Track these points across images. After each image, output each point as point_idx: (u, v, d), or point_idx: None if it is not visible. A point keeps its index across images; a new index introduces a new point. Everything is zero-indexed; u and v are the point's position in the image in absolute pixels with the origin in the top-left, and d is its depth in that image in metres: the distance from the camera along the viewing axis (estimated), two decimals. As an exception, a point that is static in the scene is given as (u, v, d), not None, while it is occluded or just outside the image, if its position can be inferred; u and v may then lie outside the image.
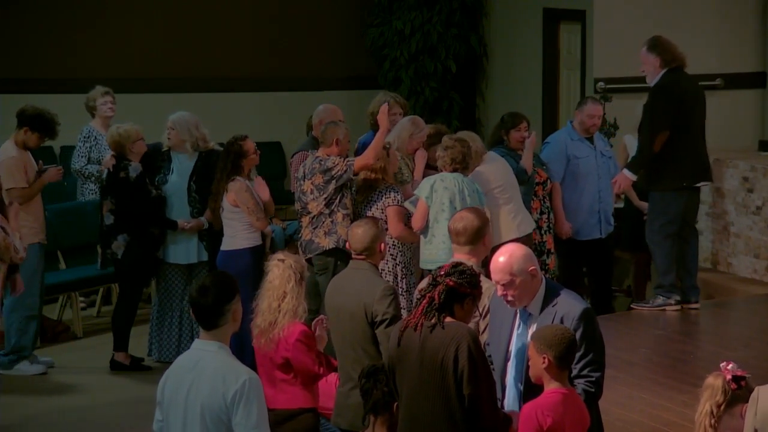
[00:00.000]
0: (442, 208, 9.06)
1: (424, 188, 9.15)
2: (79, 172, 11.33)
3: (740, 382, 5.28)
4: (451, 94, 14.62)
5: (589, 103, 10.75)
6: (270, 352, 6.85)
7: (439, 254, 8.97)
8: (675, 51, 10.00)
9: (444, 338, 5.64)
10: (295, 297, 6.84)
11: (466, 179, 9.17)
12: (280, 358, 6.83)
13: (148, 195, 10.01)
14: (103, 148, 11.13)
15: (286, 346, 6.81)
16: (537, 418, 5.52)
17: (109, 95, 11.44)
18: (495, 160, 9.84)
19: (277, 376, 6.88)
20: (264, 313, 6.85)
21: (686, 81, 10.06)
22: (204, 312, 5.34)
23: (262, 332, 6.85)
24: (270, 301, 6.85)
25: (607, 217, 10.72)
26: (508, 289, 5.86)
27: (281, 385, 6.88)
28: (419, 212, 9.15)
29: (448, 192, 9.07)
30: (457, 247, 6.78)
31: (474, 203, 8.91)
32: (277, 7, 14.76)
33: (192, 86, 14.19)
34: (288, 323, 6.81)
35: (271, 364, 6.88)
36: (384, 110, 9.41)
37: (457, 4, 14.53)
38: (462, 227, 6.73)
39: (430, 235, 9.13)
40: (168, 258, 10.23)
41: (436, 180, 9.15)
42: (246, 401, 5.19)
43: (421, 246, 9.22)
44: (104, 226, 10.12)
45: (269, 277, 6.90)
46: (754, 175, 11.17)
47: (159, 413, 5.49)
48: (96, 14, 14.10)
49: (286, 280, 6.86)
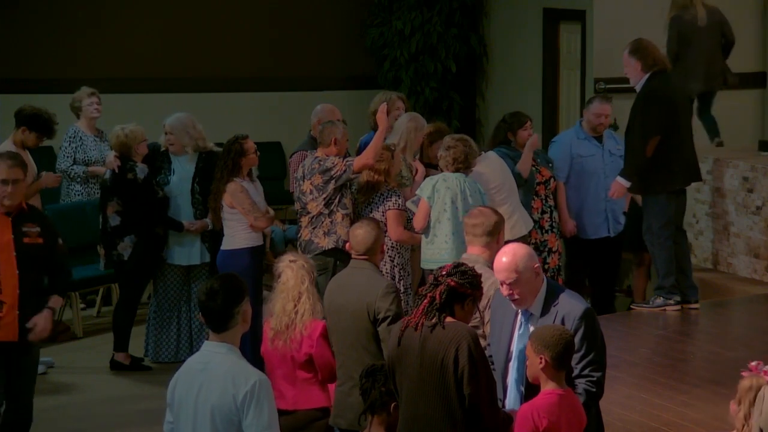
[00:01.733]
0: (444, 208, 9.07)
1: (426, 188, 9.16)
2: (65, 173, 11.30)
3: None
4: (451, 94, 14.61)
5: (595, 102, 10.75)
6: (291, 352, 6.82)
7: (442, 254, 8.98)
8: (656, 54, 9.98)
9: (444, 338, 5.64)
10: (311, 296, 6.85)
11: (469, 179, 9.18)
12: (304, 356, 6.82)
13: (155, 196, 10.02)
14: (89, 149, 11.13)
15: (310, 343, 6.81)
16: (533, 419, 5.52)
17: (95, 96, 11.42)
18: (492, 160, 9.84)
19: (299, 375, 6.86)
20: (279, 316, 6.83)
21: (671, 84, 10.06)
22: (213, 315, 5.36)
23: (279, 334, 6.84)
24: (284, 302, 6.83)
25: (615, 216, 10.71)
26: (513, 288, 5.87)
27: (302, 384, 6.87)
28: (421, 212, 9.16)
29: (450, 192, 9.08)
30: (473, 239, 6.91)
31: (476, 203, 8.92)
32: (277, 7, 14.76)
33: (192, 86, 14.19)
34: (308, 322, 6.81)
35: (293, 364, 6.85)
36: (383, 110, 9.42)
37: (457, 4, 14.53)
38: (480, 221, 6.90)
39: (431, 234, 9.14)
40: (171, 259, 10.22)
41: (438, 180, 9.16)
42: (257, 403, 5.22)
43: (423, 246, 9.22)
44: (108, 227, 10.10)
45: (282, 278, 6.87)
46: (754, 175, 11.16)
47: (170, 415, 5.51)
48: (96, 14, 14.10)
49: (300, 281, 6.86)
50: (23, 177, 7.59)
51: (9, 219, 7.51)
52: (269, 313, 6.89)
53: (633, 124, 9.97)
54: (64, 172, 11.24)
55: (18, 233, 7.51)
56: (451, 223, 9.04)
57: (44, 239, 7.59)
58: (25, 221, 7.56)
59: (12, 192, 7.44)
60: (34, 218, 7.65)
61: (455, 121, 14.30)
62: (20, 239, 7.51)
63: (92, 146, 11.17)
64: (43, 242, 7.59)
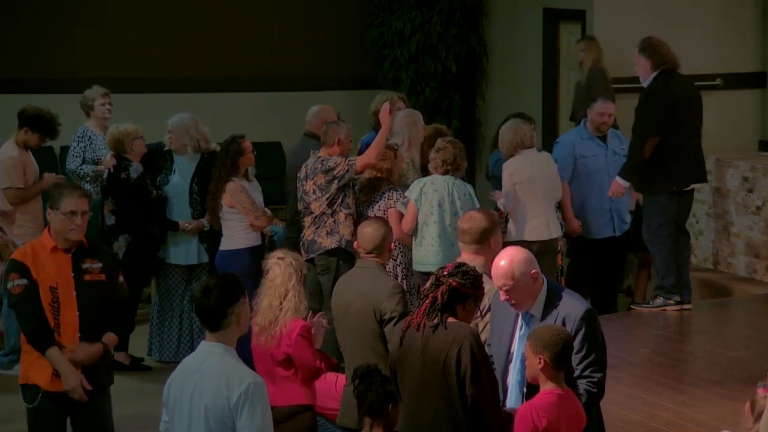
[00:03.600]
0: (431, 211, 9.06)
1: (414, 190, 9.16)
2: (74, 173, 11.29)
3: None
4: (451, 94, 14.61)
5: (599, 101, 10.74)
6: (271, 349, 6.87)
7: (428, 257, 9.00)
8: (665, 53, 9.98)
9: (446, 338, 5.65)
10: (297, 295, 6.87)
11: (458, 182, 9.17)
12: (282, 354, 6.85)
13: (148, 196, 10.02)
14: (98, 149, 11.13)
15: (288, 342, 6.83)
16: (532, 419, 5.52)
17: (107, 96, 11.39)
18: (534, 157, 9.81)
19: (278, 373, 6.89)
20: (264, 312, 6.88)
21: (677, 83, 10.03)
22: (206, 314, 5.34)
23: (263, 330, 6.88)
24: (271, 299, 6.88)
25: (621, 216, 10.70)
26: (510, 294, 5.86)
27: (281, 382, 6.90)
28: (409, 214, 9.17)
29: (437, 194, 9.08)
30: (464, 246, 6.82)
31: (465, 206, 8.91)
32: (277, 7, 14.75)
33: (192, 86, 14.18)
34: (290, 320, 6.83)
35: (272, 361, 6.89)
36: (385, 109, 9.43)
37: (457, 4, 14.52)
38: (468, 227, 6.77)
39: (419, 237, 9.15)
40: (169, 258, 10.25)
41: (426, 182, 9.16)
42: (250, 404, 5.19)
43: (413, 248, 9.22)
44: (105, 227, 10.12)
45: (270, 275, 6.92)
46: (754, 175, 11.17)
47: (165, 414, 5.50)
48: (96, 14, 14.09)
49: (287, 278, 6.88)
50: (88, 209, 6.94)
51: (69, 255, 6.91)
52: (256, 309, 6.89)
53: (635, 123, 9.99)
54: (73, 172, 11.18)
55: (78, 270, 6.91)
56: (438, 226, 9.03)
57: (107, 276, 6.98)
58: (85, 257, 6.94)
59: (81, 224, 6.86)
60: (96, 253, 7.02)
61: (455, 121, 14.30)
62: (81, 277, 6.91)
63: (101, 145, 11.17)
64: (106, 279, 6.98)
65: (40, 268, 6.85)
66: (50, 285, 6.84)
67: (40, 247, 6.93)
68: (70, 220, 6.81)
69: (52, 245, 6.89)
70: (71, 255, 6.91)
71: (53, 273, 6.86)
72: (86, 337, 6.87)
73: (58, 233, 6.89)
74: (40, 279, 6.83)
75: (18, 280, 6.85)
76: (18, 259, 6.93)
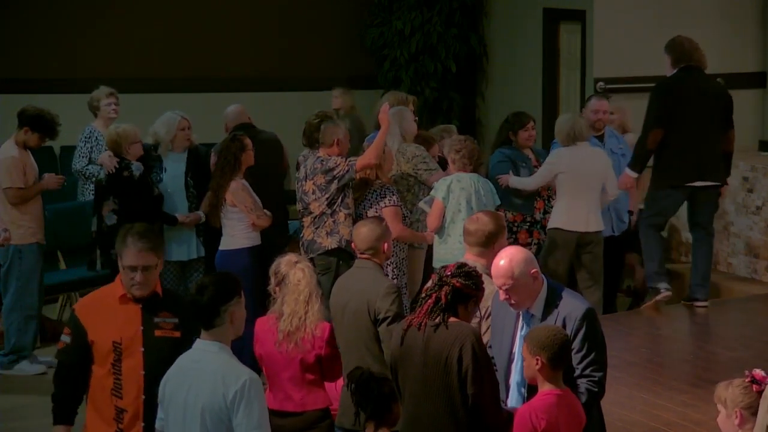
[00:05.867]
0: (458, 209, 9.15)
1: (441, 189, 9.23)
2: (80, 173, 11.29)
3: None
4: (451, 94, 14.62)
5: (593, 99, 10.79)
6: (301, 354, 6.76)
7: (455, 254, 8.97)
8: (684, 50, 10.04)
9: (448, 338, 5.65)
10: (319, 298, 6.82)
11: (481, 179, 9.33)
12: (314, 357, 6.76)
13: (151, 193, 10.02)
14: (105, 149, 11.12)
15: (320, 345, 6.77)
16: (531, 420, 5.51)
17: (113, 96, 11.38)
18: (575, 152, 9.86)
19: (307, 377, 6.78)
20: (290, 317, 6.74)
21: (693, 80, 10.03)
22: (199, 310, 5.32)
23: (289, 336, 6.73)
24: (295, 304, 6.76)
25: (619, 215, 10.71)
26: (510, 293, 5.86)
27: (310, 386, 6.81)
28: (435, 212, 9.23)
29: (465, 192, 9.19)
30: (468, 247, 6.83)
31: (489, 203, 9.11)
32: (277, 7, 14.77)
33: (192, 86, 14.20)
34: (317, 323, 6.77)
35: (302, 365, 6.77)
36: (384, 109, 9.44)
37: (457, 4, 14.54)
38: (474, 229, 6.78)
39: (445, 235, 9.23)
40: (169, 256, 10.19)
41: (452, 180, 9.24)
42: (247, 402, 5.18)
43: (435, 245, 9.29)
44: (105, 227, 10.07)
45: (293, 280, 6.74)
46: (754, 175, 11.17)
47: (161, 411, 5.49)
48: (96, 14, 14.11)
49: (311, 282, 6.80)
50: (156, 263, 5.98)
51: (139, 307, 5.99)
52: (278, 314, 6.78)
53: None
54: (79, 172, 11.15)
55: (149, 324, 5.97)
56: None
57: (182, 333, 5.95)
58: (159, 310, 6.01)
59: (141, 282, 5.90)
60: (171, 306, 6.06)
61: (455, 121, 14.28)
62: (151, 332, 5.96)
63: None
64: (181, 336, 5.93)
65: (100, 324, 6.00)
66: (114, 340, 5.96)
67: (109, 296, 6.10)
68: (130, 276, 5.94)
69: (121, 293, 6.03)
70: (141, 306, 6.01)
71: (119, 326, 5.99)
72: (150, 403, 5.81)
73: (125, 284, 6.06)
74: (98, 337, 6.00)
75: (65, 336, 6.15)
76: (77, 314, 6.13)
